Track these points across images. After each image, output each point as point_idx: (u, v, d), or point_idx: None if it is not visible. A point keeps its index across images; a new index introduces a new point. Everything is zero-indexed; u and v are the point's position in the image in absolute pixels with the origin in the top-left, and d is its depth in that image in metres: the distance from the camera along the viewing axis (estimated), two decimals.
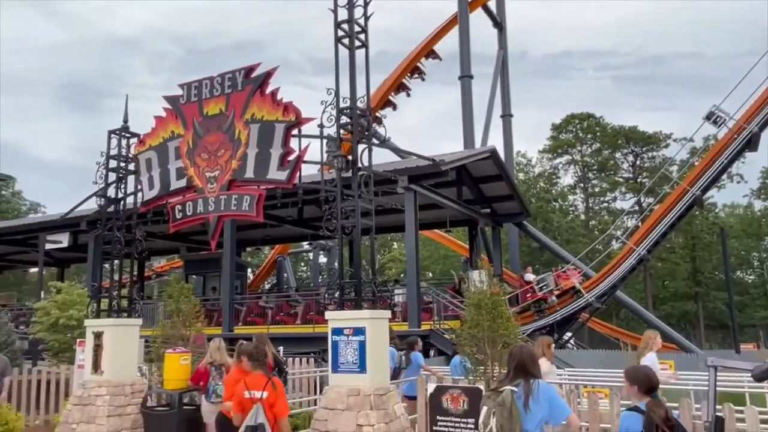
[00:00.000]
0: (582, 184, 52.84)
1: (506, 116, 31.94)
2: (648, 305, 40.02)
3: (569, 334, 22.28)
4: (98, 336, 8.66)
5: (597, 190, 52.75)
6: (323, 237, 26.68)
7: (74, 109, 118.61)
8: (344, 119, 7.33)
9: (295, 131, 7.63)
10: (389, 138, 7.41)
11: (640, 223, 24.68)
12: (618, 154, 51.04)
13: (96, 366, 8.57)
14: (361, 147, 7.28)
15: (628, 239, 22.25)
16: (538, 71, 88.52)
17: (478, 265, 19.03)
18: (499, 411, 3.80)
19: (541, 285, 20.02)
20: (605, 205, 52.66)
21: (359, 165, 7.20)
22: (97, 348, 8.63)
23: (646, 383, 4.11)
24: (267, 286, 38.46)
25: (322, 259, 41.32)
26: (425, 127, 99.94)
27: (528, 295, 19.79)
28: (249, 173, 7.86)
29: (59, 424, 8.60)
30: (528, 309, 19.65)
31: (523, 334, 13.18)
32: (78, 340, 11.46)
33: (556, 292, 19.58)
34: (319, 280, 35.01)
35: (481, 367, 6.98)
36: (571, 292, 19.84)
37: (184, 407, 8.14)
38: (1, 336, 15.33)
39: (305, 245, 41.53)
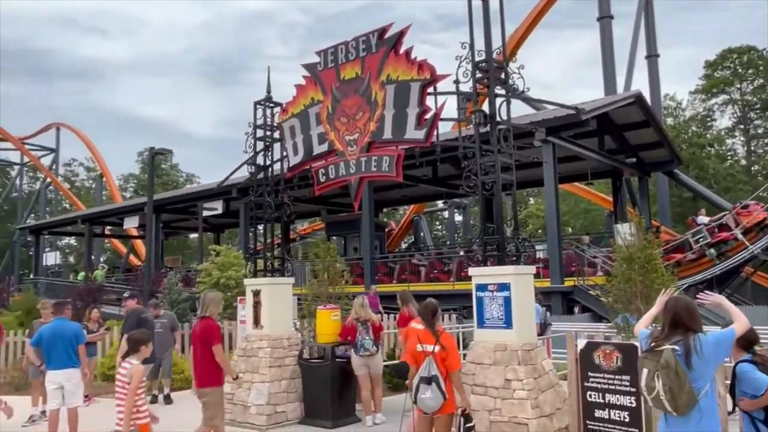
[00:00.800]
0: (742, 126, 47.85)
1: (652, 57, 29.59)
2: None
3: (729, 291, 20.55)
4: (256, 294, 9.34)
5: (760, 131, 47.55)
6: (459, 195, 26.63)
7: (217, 85, 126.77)
8: (479, 74, 7.16)
9: (430, 89, 7.59)
10: (528, 89, 7.09)
11: None
12: None
13: (256, 321, 9.28)
14: (498, 100, 7.10)
15: None
16: (686, 5, 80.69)
17: (626, 218, 18.02)
18: (664, 373, 3.57)
19: (716, 224, 18.17)
20: None
21: (497, 119, 7.03)
22: (256, 305, 9.32)
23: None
24: (404, 246, 39.22)
25: (458, 218, 41.36)
26: (559, 76, 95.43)
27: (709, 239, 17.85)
28: (387, 134, 7.97)
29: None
30: (703, 256, 17.93)
31: (680, 288, 12.37)
32: (238, 297, 12.46)
33: (739, 231, 17.62)
34: (456, 239, 35.10)
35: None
36: (756, 230, 17.88)
37: (337, 360, 8.64)
38: (172, 295, 17.10)
39: (440, 204, 41.79)
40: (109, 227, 36.67)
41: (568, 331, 8.95)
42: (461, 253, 20.42)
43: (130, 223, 29.35)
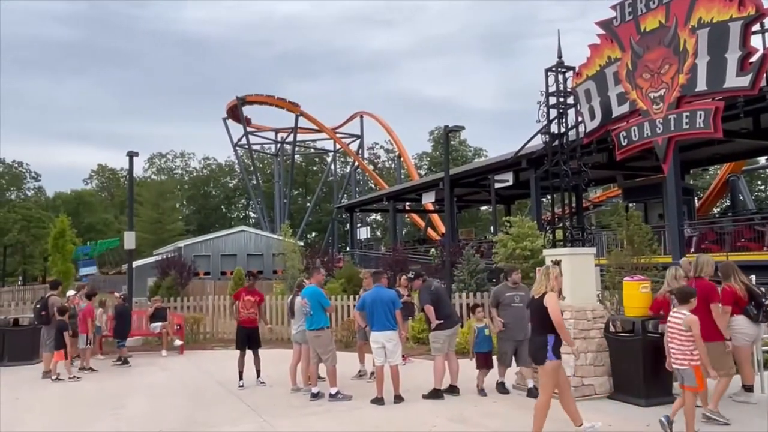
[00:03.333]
0: None
1: None
2: None
3: None
4: (557, 264, 9.20)
5: None
6: None
7: (494, 58, 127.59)
8: None
9: (756, 26, 6.49)
10: None
11: None
12: None
13: (558, 292, 9.14)
14: None
15: None
16: None
17: None
18: None
19: None
20: None
21: None
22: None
23: None
24: (717, 211, 34.80)
25: None
26: None
27: None
28: (701, 86, 7.09)
29: None
30: None
31: None
32: (536, 267, 12.45)
33: None
34: None
35: None
36: None
37: (648, 335, 8.05)
38: (470, 265, 17.88)
39: (763, 160, 35.97)
40: (408, 203, 39.88)
41: None
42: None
43: (428, 198, 31.44)
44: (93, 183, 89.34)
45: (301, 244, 35.93)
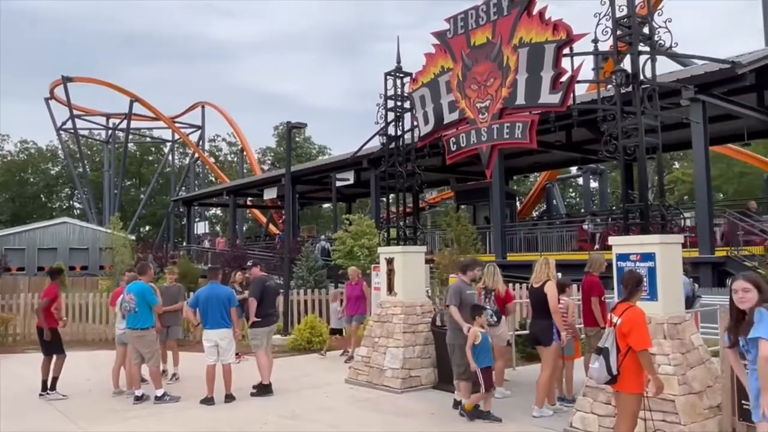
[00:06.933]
0: None
1: None
2: None
3: None
4: (390, 261, 9.58)
5: None
6: (594, 161, 25.38)
7: (343, 58, 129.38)
8: (620, 30, 6.71)
9: (566, 50, 7.24)
10: (676, 44, 6.49)
11: None
12: None
13: (390, 288, 9.53)
14: (642, 58, 6.63)
15: None
16: None
17: None
18: None
19: None
20: None
21: (641, 78, 6.58)
22: (390, 272, 9.56)
23: None
24: (535, 214, 38.21)
25: (593, 184, 39.50)
26: (711, 28, 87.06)
27: None
28: (520, 100, 7.73)
29: (364, 337, 9.83)
30: None
31: None
32: (372, 265, 12.86)
33: None
34: (591, 206, 33.62)
35: None
36: None
37: None
38: (309, 262, 17.98)
39: (574, 170, 40.11)
40: (250, 198, 39.09)
41: (719, 304, 8.33)
42: (598, 221, 19.52)
43: (269, 194, 31.06)
44: None
45: (133, 238, 33.72)
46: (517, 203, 31.26)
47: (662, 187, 6.82)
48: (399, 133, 9.90)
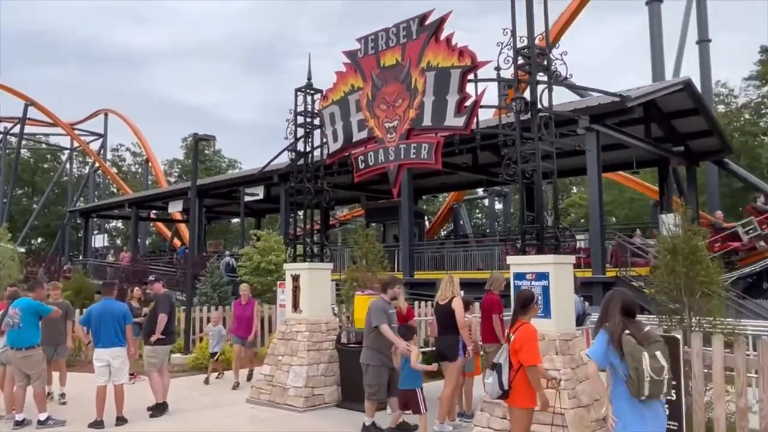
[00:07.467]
0: None
1: (703, 42, 28.56)
2: None
3: None
4: (296, 278, 9.49)
5: None
6: (499, 183, 26.37)
7: (257, 71, 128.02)
8: (521, 60, 7.06)
9: (471, 76, 7.52)
10: (571, 76, 6.99)
11: None
12: None
13: (295, 305, 9.43)
14: (540, 87, 6.99)
15: None
16: None
17: (671, 209, 17.56)
18: (665, 357, 4.06)
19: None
20: None
21: (539, 106, 6.93)
22: (296, 289, 9.46)
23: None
24: (443, 233, 39.12)
25: (498, 206, 41.01)
26: (605, 63, 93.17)
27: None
28: (426, 121, 7.94)
29: (267, 355, 9.64)
30: (753, 248, 17.12)
31: (728, 281, 11.97)
32: (278, 282, 12.67)
33: None
34: (496, 227, 34.81)
35: (677, 316, 6.55)
36: None
37: None
38: (214, 278, 17.47)
39: (480, 192, 41.46)
40: (154, 211, 37.58)
41: None
42: (499, 241, 20.25)
43: (175, 207, 29.99)
44: None
45: (22, 250, 31.49)
46: (426, 222, 31.90)
47: (557, 210, 7.19)
48: (308, 149, 9.88)
